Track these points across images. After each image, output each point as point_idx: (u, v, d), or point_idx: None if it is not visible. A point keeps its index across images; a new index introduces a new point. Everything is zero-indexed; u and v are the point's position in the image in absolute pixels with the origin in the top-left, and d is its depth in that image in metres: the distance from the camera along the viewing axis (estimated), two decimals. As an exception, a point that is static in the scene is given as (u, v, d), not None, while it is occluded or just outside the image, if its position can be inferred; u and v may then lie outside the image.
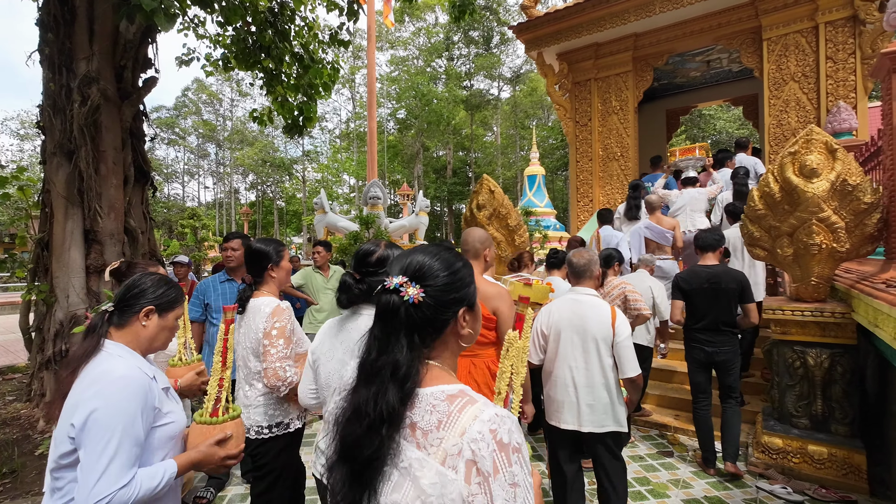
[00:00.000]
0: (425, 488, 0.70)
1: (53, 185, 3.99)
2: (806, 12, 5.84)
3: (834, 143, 2.94)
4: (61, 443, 1.18)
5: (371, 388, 0.77)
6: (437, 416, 0.74)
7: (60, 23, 3.93)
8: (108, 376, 1.21)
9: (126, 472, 1.15)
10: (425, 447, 0.73)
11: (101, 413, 1.16)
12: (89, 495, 1.10)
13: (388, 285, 0.80)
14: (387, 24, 16.61)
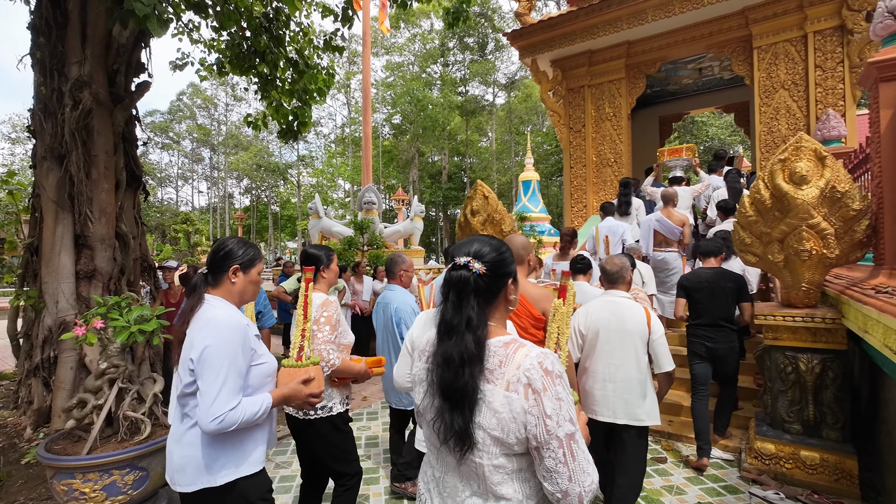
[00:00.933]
0: (497, 408, 0.99)
1: (44, 190, 3.95)
2: (795, 21, 5.93)
3: (823, 151, 2.97)
4: (184, 375, 1.50)
5: (453, 339, 1.04)
6: (499, 358, 1.04)
7: (52, 26, 3.91)
8: (215, 320, 1.53)
9: (234, 397, 1.46)
10: (492, 381, 1.02)
11: (213, 349, 1.46)
12: (207, 414, 1.41)
13: (458, 262, 1.09)
14: (382, 29, 16.68)
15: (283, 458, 3.72)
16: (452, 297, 1.08)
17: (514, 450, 1.01)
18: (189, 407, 1.53)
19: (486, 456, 1.02)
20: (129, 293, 2.92)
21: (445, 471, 1.14)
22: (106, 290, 4.07)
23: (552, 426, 0.96)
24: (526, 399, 0.98)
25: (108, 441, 2.48)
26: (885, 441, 2.84)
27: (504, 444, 1.00)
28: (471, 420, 1.00)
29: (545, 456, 0.98)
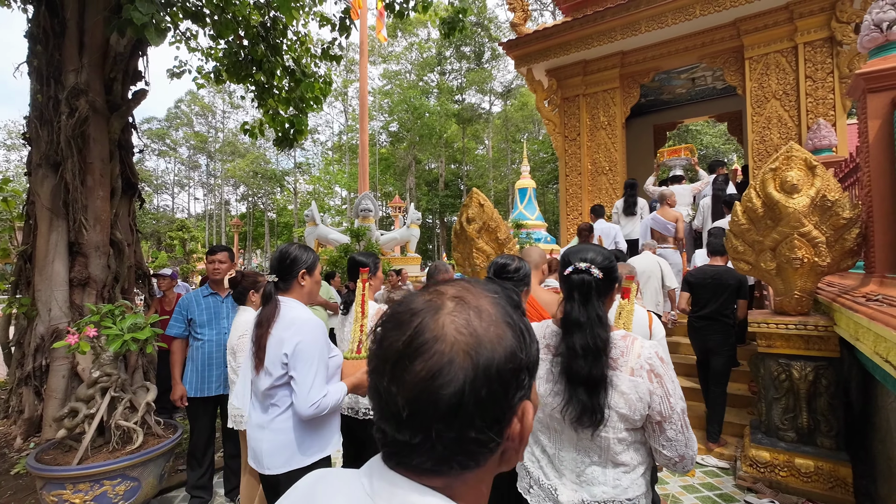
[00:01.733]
0: (624, 390, 1.22)
1: (38, 197, 3.94)
2: (785, 33, 6.02)
3: (813, 160, 3.01)
4: (275, 369, 1.70)
5: (586, 333, 1.23)
6: (620, 349, 1.26)
7: (50, 35, 3.93)
8: (300, 319, 1.73)
9: (324, 385, 1.70)
10: (617, 368, 1.24)
11: (304, 344, 1.68)
12: (306, 400, 1.64)
13: (580, 268, 1.28)
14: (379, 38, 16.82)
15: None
16: (578, 297, 1.29)
17: (635, 424, 1.25)
18: (277, 397, 1.73)
19: (612, 430, 1.24)
20: (123, 301, 2.91)
21: (560, 447, 1.34)
22: (100, 298, 4.05)
23: (674, 403, 1.22)
24: (650, 382, 1.22)
25: (99, 451, 2.46)
26: (879, 448, 2.85)
27: (629, 420, 1.23)
28: (605, 401, 1.22)
29: (667, 428, 1.22)
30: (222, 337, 2.91)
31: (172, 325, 2.93)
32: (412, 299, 0.50)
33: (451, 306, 0.47)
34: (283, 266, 1.83)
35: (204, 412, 2.94)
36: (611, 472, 1.27)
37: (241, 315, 2.70)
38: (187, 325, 2.93)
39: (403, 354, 0.44)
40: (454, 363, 0.43)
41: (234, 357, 2.68)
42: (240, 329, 2.63)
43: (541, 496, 1.36)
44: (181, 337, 2.93)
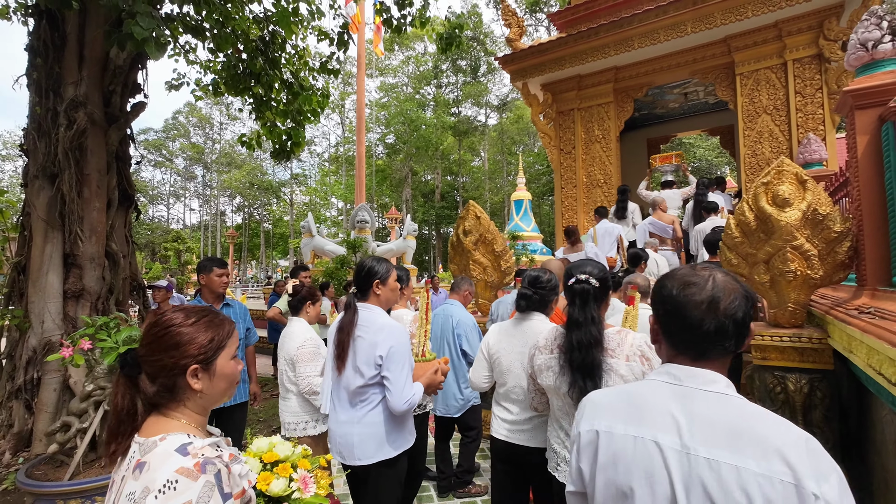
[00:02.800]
0: (623, 374, 1.53)
1: (34, 209, 3.94)
2: (774, 50, 6.16)
3: (804, 175, 3.06)
4: (368, 370, 1.91)
5: (582, 330, 1.58)
6: (616, 341, 1.59)
7: (50, 48, 3.96)
8: (389, 325, 1.96)
9: (412, 384, 1.94)
10: (615, 356, 1.57)
11: (396, 347, 1.91)
12: (400, 397, 1.87)
13: (580, 279, 1.64)
14: (377, 52, 17.01)
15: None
16: (578, 302, 1.64)
17: None
18: (368, 395, 1.95)
19: None
20: (118, 313, 2.90)
21: None
22: (94, 310, 4.02)
23: None
24: (643, 364, 1.55)
25: (91, 466, 2.43)
26: (875, 461, 2.85)
27: None
28: (599, 383, 1.52)
29: None
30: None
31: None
32: (688, 272, 0.94)
33: (719, 273, 0.93)
34: (360, 278, 2.08)
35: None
36: None
37: (295, 325, 2.72)
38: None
39: (715, 297, 0.87)
40: (741, 297, 0.88)
41: (293, 368, 2.61)
42: (298, 339, 2.62)
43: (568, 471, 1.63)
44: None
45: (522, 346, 2.10)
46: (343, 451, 1.97)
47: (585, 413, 0.97)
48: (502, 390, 2.22)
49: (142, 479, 0.86)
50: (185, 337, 1.00)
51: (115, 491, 0.92)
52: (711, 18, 6.02)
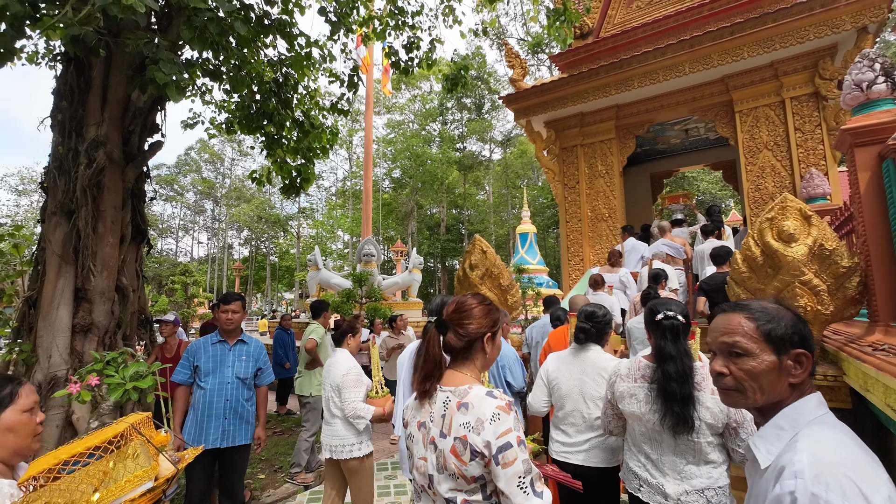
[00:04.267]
0: (709, 406, 1.71)
1: (50, 244, 4.01)
2: (772, 88, 6.33)
3: (808, 210, 3.09)
4: None
5: (677, 363, 1.72)
6: (701, 375, 1.75)
7: (76, 92, 4.15)
8: None
9: None
10: (701, 389, 1.73)
11: None
12: None
13: (668, 315, 1.81)
14: (385, 91, 17.62)
15: None
16: (670, 336, 1.79)
17: (718, 431, 1.73)
18: None
19: (703, 436, 1.72)
20: (126, 348, 2.90)
21: (662, 453, 1.79)
22: (101, 344, 4.02)
23: (745, 413, 1.70)
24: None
25: (91, 507, 2.37)
26: (902, 507, 2.73)
27: (714, 427, 1.72)
28: (693, 413, 1.69)
29: (740, 432, 1.72)
30: (224, 386, 2.88)
31: (178, 371, 2.90)
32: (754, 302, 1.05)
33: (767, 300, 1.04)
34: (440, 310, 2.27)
35: (201, 465, 2.86)
36: (704, 468, 1.75)
37: (339, 355, 3.04)
38: (193, 373, 2.90)
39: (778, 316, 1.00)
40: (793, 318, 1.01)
41: (339, 394, 2.86)
42: (343, 368, 2.91)
43: (651, 492, 1.81)
44: (186, 384, 2.90)
45: (581, 374, 2.34)
46: None
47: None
48: (560, 414, 2.44)
49: (470, 414, 1.23)
50: (486, 312, 1.39)
51: (437, 425, 1.29)
52: (708, 59, 6.24)
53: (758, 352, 0.98)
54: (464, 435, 1.20)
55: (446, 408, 1.27)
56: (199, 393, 2.86)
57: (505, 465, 1.17)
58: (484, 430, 1.18)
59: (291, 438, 5.66)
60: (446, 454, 1.22)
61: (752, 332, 0.99)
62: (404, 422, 1.43)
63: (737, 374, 0.99)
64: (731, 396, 1.02)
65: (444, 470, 1.23)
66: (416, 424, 1.36)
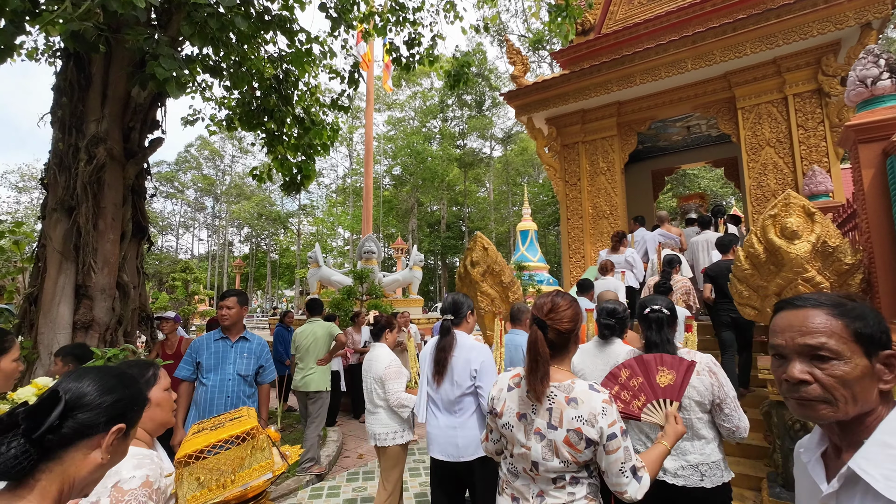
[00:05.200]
0: (695, 385, 1.92)
1: (50, 241, 4.01)
2: (774, 85, 6.30)
3: (811, 207, 3.08)
4: (465, 382, 2.38)
5: (660, 349, 1.91)
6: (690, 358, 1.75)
7: (75, 88, 4.13)
8: (479, 345, 2.45)
9: None
10: None
11: (488, 362, 2.40)
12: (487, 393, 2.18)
13: (654, 309, 2.04)
14: (385, 88, 17.56)
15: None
16: (655, 327, 2.01)
17: (706, 408, 1.93)
18: (464, 404, 2.40)
19: (693, 413, 1.94)
20: (127, 345, 2.90)
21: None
22: (102, 341, 4.02)
23: (728, 390, 1.92)
24: (710, 378, 1.92)
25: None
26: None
27: (702, 405, 1.93)
28: None
29: (724, 407, 1.91)
30: (225, 383, 2.87)
31: (181, 367, 2.91)
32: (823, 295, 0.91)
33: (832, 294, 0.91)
34: (456, 308, 2.55)
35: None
36: (696, 443, 1.93)
37: (379, 349, 3.22)
38: (195, 369, 2.90)
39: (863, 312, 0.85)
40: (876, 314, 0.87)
41: (382, 385, 3.03)
42: (384, 361, 3.09)
43: None
44: (188, 380, 2.89)
45: (605, 365, 2.45)
46: (447, 450, 2.40)
47: None
48: None
49: (582, 408, 1.37)
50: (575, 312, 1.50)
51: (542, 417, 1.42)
52: (711, 56, 6.21)
53: (849, 354, 0.82)
54: (578, 427, 1.36)
55: (552, 402, 1.42)
56: (200, 389, 2.86)
57: (609, 452, 1.34)
58: (597, 423, 1.34)
59: (294, 434, 5.67)
60: (558, 443, 1.38)
61: (840, 332, 0.84)
62: (498, 412, 1.55)
63: (826, 382, 0.83)
64: (813, 408, 0.85)
65: (556, 456, 1.39)
66: (514, 415, 1.50)
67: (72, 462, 0.85)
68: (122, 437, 0.93)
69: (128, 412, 0.95)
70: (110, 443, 0.90)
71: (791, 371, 0.86)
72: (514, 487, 1.51)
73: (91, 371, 0.95)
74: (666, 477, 1.95)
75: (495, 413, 1.57)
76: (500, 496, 1.56)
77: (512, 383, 1.57)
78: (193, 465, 1.32)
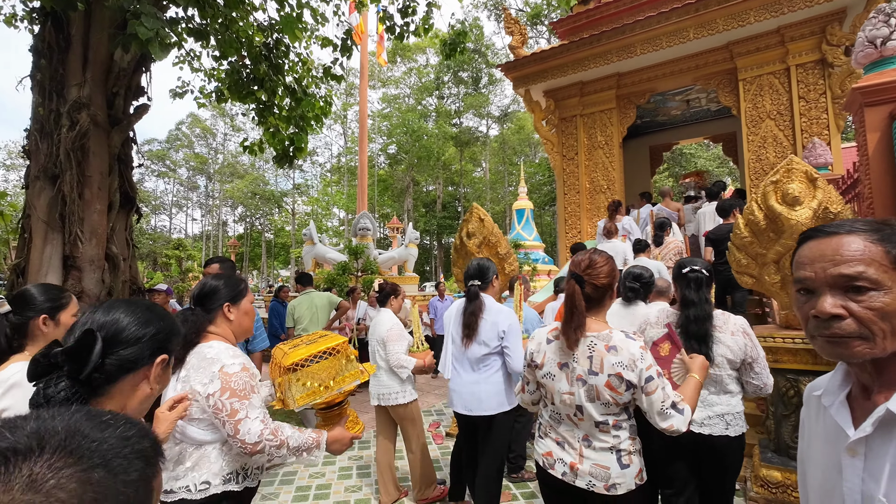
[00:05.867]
0: (729, 344, 2.06)
1: (34, 210, 3.90)
2: (777, 55, 6.17)
3: (814, 173, 3.02)
4: (492, 342, 2.55)
5: (698, 308, 2.07)
6: (721, 320, 2.10)
7: (55, 49, 3.96)
8: (505, 308, 2.64)
9: None
10: (722, 331, 2.07)
11: (514, 323, 2.59)
12: (519, 360, 2.49)
13: (694, 269, 2.13)
14: (380, 62, 17.16)
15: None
16: (693, 286, 2.12)
17: (736, 366, 2.07)
18: (490, 361, 2.57)
19: (723, 369, 2.07)
20: (116, 313, 2.84)
21: None
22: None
23: (759, 350, 2.07)
24: (744, 338, 2.05)
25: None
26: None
27: (732, 362, 2.06)
28: (710, 349, 2.02)
29: (754, 366, 2.05)
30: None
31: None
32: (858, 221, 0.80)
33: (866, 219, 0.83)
34: (482, 273, 2.70)
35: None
36: (723, 397, 2.09)
37: (383, 314, 3.35)
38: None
39: None
40: None
41: (384, 347, 3.18)
42: (387, 324, 3.22)
43: None
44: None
45: (630, 326, 2.56)
46: (470, 405, 2.56)
47: None
48: None
49: (621, 354, 1.51)
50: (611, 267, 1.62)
51: (582, 365, 1.56)
52: (714, 24, 6.05)
53: (890, 284, 0.73)
54: (618, 372, 1.50)
55: (592, 350, 1.56)
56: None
57: (649, 393, 1.49)
58: (636, 367, 1.49)
59: (289, 408, 5.70)
60: (599, 388, 1.53)
61: (881, 259, 0.74)
62: (538, 363, 1.71)
63: (862, 316, 0.73)
64: (847, 346, 0.75)
65: (597, 399, 1.54)
66: (556, 365, 1.65)
67: (121, 395, 0.88)
68: (165, 367, 0.96)
69: (168, 343, 0.98)
70: (157, 374, 0.94)
71: (822, 305, 0.76)
72: (558, 433, 1.67)
73: (119, 304, 0.96)
74: (693, 426, 2.05)
75: (535, 365, 1.72)
76: (541, 440, 1.72)
77: (551, 336, 1.70)
78: (300, 372, 1.55)
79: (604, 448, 1.56)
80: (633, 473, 1.56)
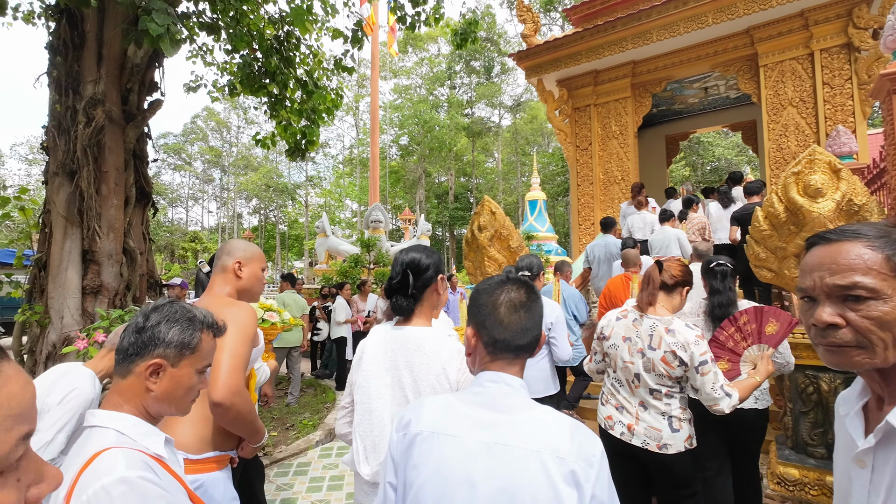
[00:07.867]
0: None
1: (54, 205, 3.98)
2: (801, 40, 5.95)
3: (837, 163, 2.92)
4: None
5: (723, 295, 2.34)
6: (747, 305, 2.18)
7: (70, 46, 4.01)
8: (552, 302, 2.90)
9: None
10: None
11: (559, 317, 2.88)
12: (566, 351, 2.85)
13: (721, 263, 2.39)
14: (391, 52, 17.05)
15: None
16: (720, 277, 2.34)
17: None
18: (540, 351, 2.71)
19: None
20: (134, 307, 2.90)
21: None
22: (111, 306, 4.05)
23: None
24: None
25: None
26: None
27: None
28: None
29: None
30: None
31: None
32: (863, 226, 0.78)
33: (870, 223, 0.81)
34: (531, 268, 3.02)
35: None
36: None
37: None
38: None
39: None
40: None
41: None
42: None
43: None
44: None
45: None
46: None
47: None
48: None
49: (678, 337, 1.79)
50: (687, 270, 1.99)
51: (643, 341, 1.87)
52: (734, 9, 5.86)
53: (891, 292, 0.71)
54: (673, 349, 1.79)
55: (653, 330, 1.86)
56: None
57: (703, 374, 1.74)
58: (689, 349, 1.76)
59: (304, 398, 5.78)
60: (655, 361, 1.82)
61: (880, 266, 0.71)
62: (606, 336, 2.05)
63: (860, 326, 0.72)
64: (845, 355, 0.74)
65: (653, 371, 1.84)
66: (620, 338, 1.97)
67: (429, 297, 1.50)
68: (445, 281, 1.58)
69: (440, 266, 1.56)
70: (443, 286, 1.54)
71: (819, 315, 0.76)
72: (617, 399, 1.95)
73: (415, 248, 1.49)
74: None
75: (603, 337, 2.06)
76: (603, 406, 2.01)
77: (620, 315, 2.04)
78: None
79: (657, 412, 1.84)
80: (682, 437, 1.82)
